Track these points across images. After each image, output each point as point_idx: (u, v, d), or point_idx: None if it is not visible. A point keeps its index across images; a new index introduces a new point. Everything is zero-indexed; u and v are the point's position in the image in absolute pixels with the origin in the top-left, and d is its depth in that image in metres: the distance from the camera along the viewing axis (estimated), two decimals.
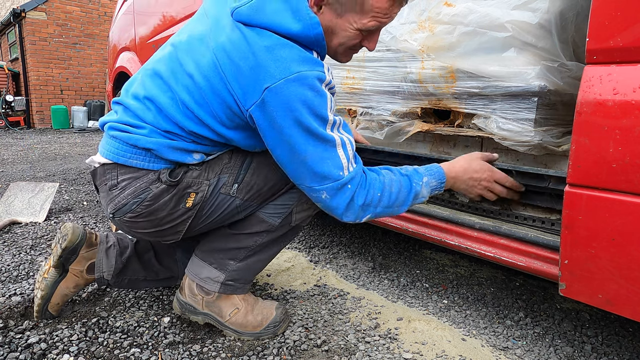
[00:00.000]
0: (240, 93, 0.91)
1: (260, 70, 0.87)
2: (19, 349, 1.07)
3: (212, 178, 1.04)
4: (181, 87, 0.97)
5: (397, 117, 1.40)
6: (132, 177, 1.00)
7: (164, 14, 2.59)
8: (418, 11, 1.20)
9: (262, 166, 1.08)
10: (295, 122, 0.89)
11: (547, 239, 1.01)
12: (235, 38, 0.91)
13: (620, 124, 0.77)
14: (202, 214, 1.06)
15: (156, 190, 1.00)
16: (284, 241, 1.20)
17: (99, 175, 1.05)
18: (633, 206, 0.78)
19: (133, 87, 1.05)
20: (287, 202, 1.12)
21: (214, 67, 0.92)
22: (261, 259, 1.18)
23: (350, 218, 0.99)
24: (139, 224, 1.04)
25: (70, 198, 2.83)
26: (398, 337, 1.20)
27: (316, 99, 0.89)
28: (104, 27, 10.87)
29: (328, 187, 0.94)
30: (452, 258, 1.80)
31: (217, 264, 1.14)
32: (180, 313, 1.19)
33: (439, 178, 1.07)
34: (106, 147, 1.03)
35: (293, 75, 0.87)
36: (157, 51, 1.10)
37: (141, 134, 0.98)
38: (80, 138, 7.83)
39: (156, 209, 1.01)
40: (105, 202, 1.05)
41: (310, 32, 0.92)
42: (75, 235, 1.17)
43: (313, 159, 0.92)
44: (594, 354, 1.14)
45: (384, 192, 0.99)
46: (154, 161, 1.00)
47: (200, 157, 1.03)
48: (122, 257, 1.22)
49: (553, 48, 1.02)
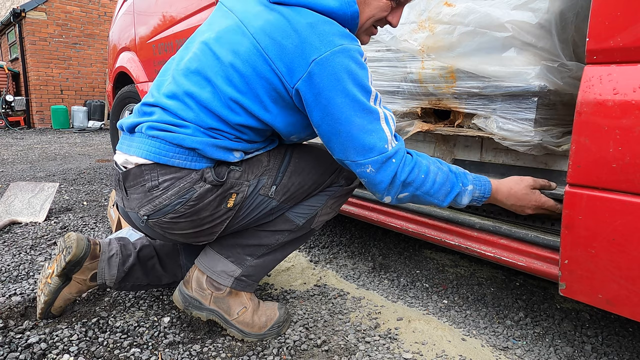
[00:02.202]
0: (285, 71, 0.92)
1: (305, 46, 0.90)
2: (19, 349, 1.07)
3: (252, 179, 1.04)
4: (221, 80, 0.96)
5: (397, 117, 1.40)
6: (175, 177, 0.98)
7: (164, 14, 2.59)
8: (418, 11, 1.20)
9: (299, 169, 1.09)
10: (342, 92, 0.91)
11: (547, 239, 1.01)
12: (274, 19, 0.93)
13: (620, 124, 0.77)
14: (240, 214, 1.06)
15: (200, 190, 0.98)
16: (299, 242, 1.21)
17: (132, 176, 1.01)
18: (633, 206, 0.78)
19: (164, 87, 1.03)
20: (315, 204, 1.14)
21: (255, 50, 0.93)
22: (276, 258, 1.19)
23: (390, 195, 0.99)
24: (179, 224, 1.02)
25: (70, 198, 2.83)
26: (398, 337, 1.20)
27: (360, 70, 0.93)
28: (104, 27, 10.87)
29: (373, 161, 0.95)
30: (452, 258, 1.80)
31: (234, 257, 1.13)
32: (183, 307, 1.16)
33: (483, 192, 1.06)
34: (142, 147, 0.99)
35: (337, 47, 0.90)
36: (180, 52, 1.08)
37: (186, 133, 0.96)
38: (80, 138, 7.83)
39: (200, 208, 1.00)
40: (138, 203, 1.02)
41: (347, 9, 0.96)
42: (79, 249, 1.16)
43: (359, 131, 0.93)
44: (594, 354, 1.14)
45: (428, 177, 0.99)
46: (197, 160, 0.99)
47: (240, 156, 1.03)
48: (125, 266, 1.21)
49: (553, 48, 1.02)
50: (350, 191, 1.21)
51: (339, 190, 1.17)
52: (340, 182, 1.16)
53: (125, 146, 1.05)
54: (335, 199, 1.18)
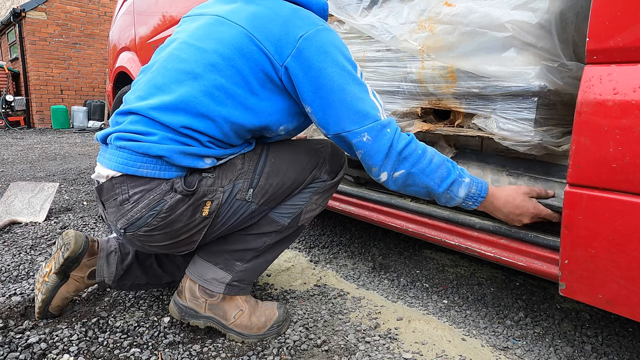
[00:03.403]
0: (273, 49, 0.95)
1: (291, 26, 0.96)
2: (19, 348, 1.07)
3: (226, 185, 1.01)
4: (204, 67, 0.95)
5: (397, 117, 1.40)
6: (144, 189, 0.96)
7: (164, 14, 2.59)
8: (418, 11, 1.20)
9: (276, 169, 1.07)
10: (333, 63, 0.96)
11: (547, 239, 1.01)
12: (256, 10, 0.99)
13: (620, 124, 0.77)
14: (218, 221, 1.03)
15: (171, 201, 0.96)
16: (288, 241, 1.20)
17: (105, 190, 0.99)
18: (633, 206, 0.78)
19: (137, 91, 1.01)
20: (298, 203, 1.12)
21: (243, 34, 0.96)
22: (267, 260, 1.18)
23: (387, 169, 0.98)
24: (154, 237, 1.01)
25: (70, 198, 2.83)
26: (398, 337, 1.20)
27: (344, 47, 1.01)
28: (104, 27, 10.87)
29: (369, 128, 0.96)
30: (452, 258, 1.80)
31: (223, 264, 1.12)
32: (180, 318, 1.15)
33: (480, 190, 1.03)
34: (112, 159, 0.97)
35: (320, 26, 0.99)
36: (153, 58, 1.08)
37: (152, 141, 0.94)
38: (80, 138, 7.83)
39: (173, 220, 0.98)
40: (114, 217, 1.00)
41: (319, 2, 1.09)
42: (77, 245, 1.16)
43: (352, 98, 0.96)
44: (594, 354, 1.14)
45: (425, 155, 1.00)
46: (166, 169, 0.96)
47: (211, 162, 1.00)
48: (123, 264, 1.21)
49: (553, 48, 1.02)
50: (335, 185, 1.18)
51: (323, 185, 1.15)
52: (322, 178, 1.14)
53: (101, 158, 1.03)
54: (320, 194, 1.15)
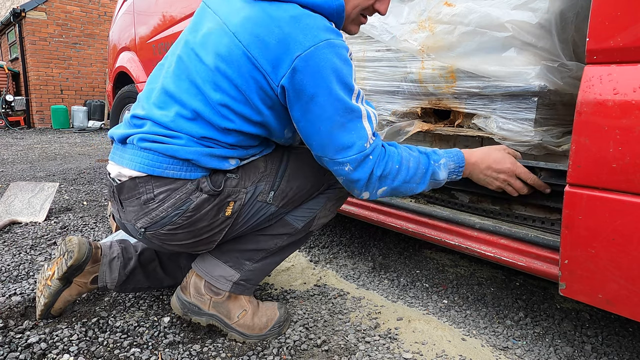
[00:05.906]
0: (269, 68, 0.89)
1: (289, 41, 0.86)
2: (19, 348, 1.07)
3: (249, 186, 1.03)
4: (209, 86, 0.94)
5: (397, 117, 1.40)
6: (170, 188, 0.97)
7: (164, 14, 2.59)
8: (418, 11, 1.20)
9: (296, 172, 1.09)
10: (325, 90, 0.89)
11: (547, 239, 1.01)
12: (254, 14, 0.89)
13: (620, 124, 0.77)
14: (239, 222, 1.05)
15: (197, 201, 0.97)
16: (297, 245, 1.20)
17: (127, 189, 0.99)
18: (633, 206, 0.78)
19: (153, 97, 1.01)
20: (313, 207, 1.14)
21: (237, 49, 0.90)
22: (275, 261, 1.18)
23: (368, 191, 0.98)
24: (178, 235, 1.02)
25: (70, 198, 2.83)
26: (398, 337, 1.20)
27: (344, 67, 0.90)
28: (104, 27, 10.87)
29: (352, 159, 0.93)
30: (452, 258, 1.80)
31: (232, 262, 1.13)
32: (182, 314, 1.16)
33: (458, 162, 1.05)
34: (135, 160, 0.97)
35: (322, 42, 0.87)
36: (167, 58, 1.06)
37: (179, 144, 0.95)
38: (80, 138, 7.83)
39: (198, 219, 0.99)
40: (134, 216, 1.01)
41: (332, 2, 0.93)
42: (81, 254, 1.16)
43: (340, 129, 0.92)
44: (594, 354, 1.14)
45: (402, 166, 0.98)
46: (191, 170, 0.97)
47: (236, 163, 1.01)
48: (126, 270, 1.21)
49: (553, 48, 1.02)
50: (348, 193, 1.20)
51: (338, 192, 1.17)
52: (338, 184, 1.15)
53: (118, 157, 1.03)
54: (334, 201, 1.17)
